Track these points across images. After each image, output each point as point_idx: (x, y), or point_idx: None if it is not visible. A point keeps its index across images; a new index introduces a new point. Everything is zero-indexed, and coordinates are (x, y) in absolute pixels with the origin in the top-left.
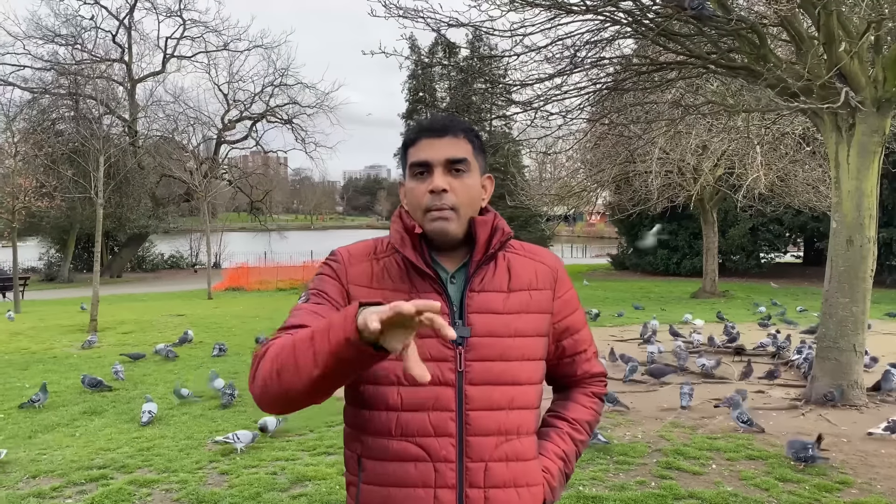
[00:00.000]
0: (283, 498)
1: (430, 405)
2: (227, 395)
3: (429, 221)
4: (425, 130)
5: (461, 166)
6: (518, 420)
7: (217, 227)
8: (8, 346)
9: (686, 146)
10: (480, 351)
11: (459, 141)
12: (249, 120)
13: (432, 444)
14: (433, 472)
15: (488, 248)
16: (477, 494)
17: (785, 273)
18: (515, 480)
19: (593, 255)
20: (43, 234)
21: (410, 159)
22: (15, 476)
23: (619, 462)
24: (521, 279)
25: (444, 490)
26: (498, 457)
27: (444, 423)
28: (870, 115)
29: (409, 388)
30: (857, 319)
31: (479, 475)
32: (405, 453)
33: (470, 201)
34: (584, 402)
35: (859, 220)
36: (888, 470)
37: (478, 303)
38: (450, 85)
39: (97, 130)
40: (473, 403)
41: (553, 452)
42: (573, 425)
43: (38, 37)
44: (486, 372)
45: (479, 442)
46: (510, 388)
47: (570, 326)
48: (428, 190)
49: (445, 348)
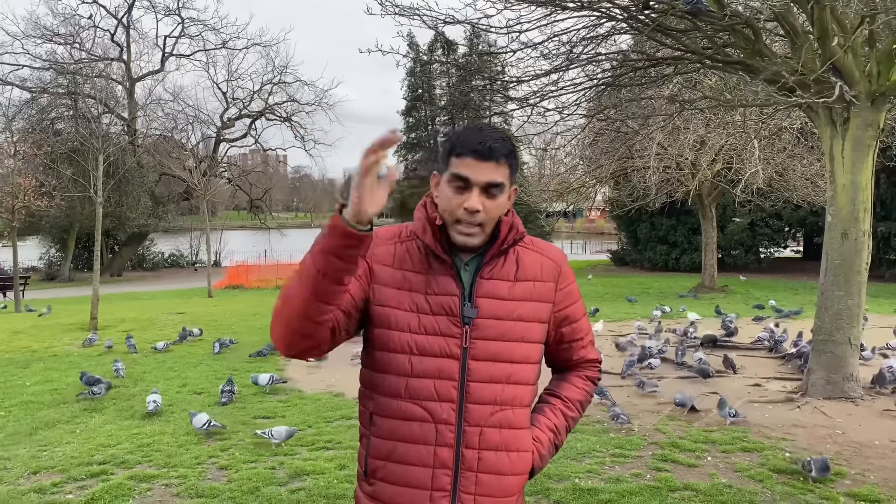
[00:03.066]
0: (281, 492)
1: (437, 374)
2: (226, 392)
3: (456, 233)
4: (474, 151)
5: (496, 190)
6: (513, 393)
7: (217, 226)
8: (9, 345)
9: (684, 141)
10: (484, 331)
11: (501, 167)
12: (248, 118)
13: (435, 408)
14: (435, 431)
15: (503, 244)
16: (471, 454)
17: (785, 268)
18: (507, 445)
19: (593, 251)
20: (43, 234)
21: (452, 169)
22: (16, 472)
23: (616, 455)
24: (527, 271)
25: (443, 448)
26: (492, 423)
27: (448, 391)
28: (864, 108)
29: (420, 356)
30: (853, 312)
31: (475, 438)
32: (411, 413)
33: (497, 216)
34: (577, 383)
35: (854, 214)
36: (882, 461)
37: (486, 288)
38: (448, 82)
39: (96, 129)
40: (474, 375)
41: (545, 424)
42: (566, 403)
43: (37, 36)
44: (487, 349)
45: (476, 409)
46: (508, 365)
47: (570, 316)
48: (463, 206)
49: (454, 326)
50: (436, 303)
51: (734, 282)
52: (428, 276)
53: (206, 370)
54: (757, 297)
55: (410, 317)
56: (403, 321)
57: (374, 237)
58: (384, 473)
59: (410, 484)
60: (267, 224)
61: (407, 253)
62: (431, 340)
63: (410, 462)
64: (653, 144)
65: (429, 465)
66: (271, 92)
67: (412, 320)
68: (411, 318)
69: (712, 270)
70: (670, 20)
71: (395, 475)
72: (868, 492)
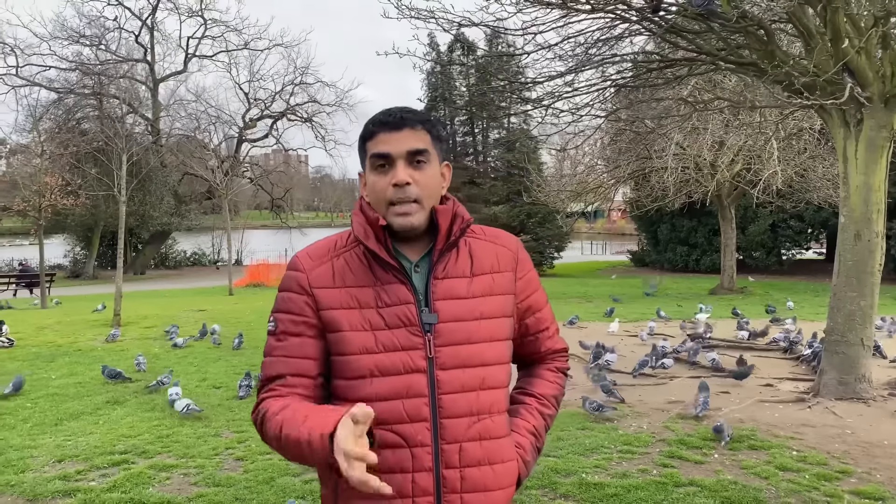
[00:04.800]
0: (295, 483)
1: (404, 393)
2: (243, 386)
3: (393, 216)
4: (382, 124)
5: (422, 157)
6: (489, 400)
7: (238, 225)
8: (35, 339)
9: (702, 142)
10: (448, 336)
11: (418, 132)
12: (270, 118)
13: (408, 430)
14: (410, 457)
15: (450, 236)
16: (453, 475)
17: (807, 270)
18: (490, 458)
19: (613, 251)
20: (68, 232)
21: (370, 151)
22: (42, 460)
23: (623, 451)
24: (483, 263)
25: (422, 473)
26: (471, 436)
27: (418, 409)
28: (877, 110)
29: (382, 378)
30: (865, 313)
31: (454, 456)
32: (382, 441)
33: (432, 192)
34: (548, 377)
35: (867, 215)
36: (890, 461)
37: (442, 290)
38: (468, 82)
39: (121, 129)
40: (445, 387)
41: (524, 428)
42: (541, 400)
43: (63, 38)
44: (455, 356)
45: (452, 424)
46: (479, 369)
47: (532, 305)
48: (391, 183)
49: (414, 336)
50: (390, 315)
51: (752, 283)
52: (375, 287)
53: (224, 365)
54: (776, 298)
55: (365, 336)
56: (358, 343)
57: (307, 259)
58: None
59: None
60: (288, 223)
61: (347, 266)
62: (393, 357)
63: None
64: (671, 145)
65: (408, 496)
66: (292, 93)
67: (368, 340)
68: (366, 338)
69: (731, 272)
70: (683, 22)
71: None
72: (873, 490)
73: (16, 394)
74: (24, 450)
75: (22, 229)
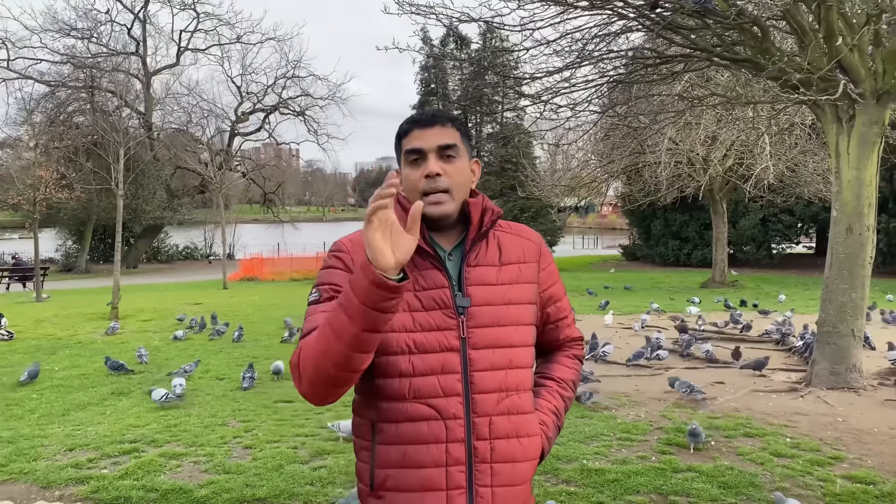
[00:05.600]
0: (304, 470)
1: (439, 369)
2: (247, 378)
3: (427, 205)
4: (416, 122)
5: (451, 152)
6: (516, 378)
7: (230, 219)
8: (35, 332)
9: (695, 137)
10: (479, 318)
11: (447, 129)
12: (262, 112)
13: (442, 404)
14: (444, 428)
15: (481, 227)
16: (484, 446)
17: (796, 264)
18: (517, 431)
19: (605, 246)
20: (60, 226)
21: (404, 148)
22: (53, 449)
23: (622, 439)
24: (510, 254)
25: (455, 444)
26: (500, 411)
27: (452, 384)
28: (869, 106)
29: (420, 354)
30: (857, 305)
31: (485, 428)
32: (418, 414)
33: (461, 183)
34: (567, 363)
35: (859, 209)
36: (880, 447)
37: (475, 276)
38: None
39: (117, 123)
40: (476, 365)
41: (546, 408)
42: (560, 384)
43: (55, 30)
44: (485, 337)
45: (482, 399)
46: (508, 350)
47: (553, 295)
48: (423, 175)
49: (449, 318)
50: (426, 298)
51: (743, 277)
52: (413, 272)
53: (226, 357)
54: (767, 292)
55: (404, 316)
56: (398, 322)
57: (351, 244)
58: (395, 482)
59: (425, 487)
60: (280, 217)
61: None
62: (429, 336)
63: (423, 464)
64: (664, 140)
65: (442, 465)
66: (285, 86)
67: (406, 319)
68: (405, 318)
69: (723, 265)
70: (680, 18)
71: (407, 481)
72: (864, 474)
73: (31, 382)
74: (34, 439)
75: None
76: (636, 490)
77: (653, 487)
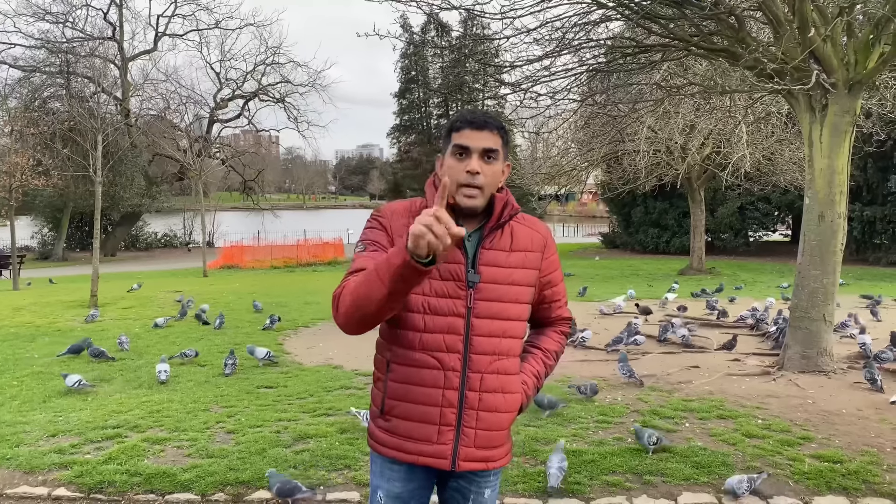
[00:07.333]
0: (286, 453)
1: (446, 329)
2: (229, 364)
3: (461, 196)
4: (470, 122)
5: (493, 155)
6: (508, 346)
7: (209, 207)
8: (12, 320)
9: (674, 126)
10: (485, 293)
11: (494, 135)
12: (242, 98)
13: (444, 358)
14: (444, 377)
15: (500, 218)
16: (474, 396)
17: (773, 251)
18: (503, 388)
19: (585, 234)
20: (36, 213)
21: (454, 141)
22: (35, 435)
23: (600, 421)
24: (520, 242)
25: (450, 391)
26: (491, 370)
27: (455, 343)
28: (842, 96)
29: (432, 315)
30: (828, 291)
31: (477, 382)
32: (424, 362)
33: (493, 182)
34: (553, 336)
35: (830, 197)
36: (847, 427)
37: (487, 257)
38: (442, 65)
39: (94, 109)
40: (477, 331)
41: (530, 371)
42: (545, 353)
43: (29, 14)
44: (488, 309)
45: (478, 359)
46: (504, 322)
47: (552, 280)
48: (466, 170)
49: (460, 289)
50: (444, 269)
51: (720, 264)
52: None
53: (207, 344)
54: (742, 279)
55: (424, 282)
56: (419, 286)
57: (390, 212)
58: (399, 411)
59: (422, 419)
60: (259, 205)
61: None
62: (441, 302)
63: (422, 402)
64: (643, 128)
65: (437, 405)
66: (264, 73)
67: (425, 285)
68: (424, 283)
69: (700, 253)
70: (658, 8)
71: (408, 412)
72: (832, 454)
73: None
74: (16, 425)
75: None
76: (612, 470)
77: (628, 468)
